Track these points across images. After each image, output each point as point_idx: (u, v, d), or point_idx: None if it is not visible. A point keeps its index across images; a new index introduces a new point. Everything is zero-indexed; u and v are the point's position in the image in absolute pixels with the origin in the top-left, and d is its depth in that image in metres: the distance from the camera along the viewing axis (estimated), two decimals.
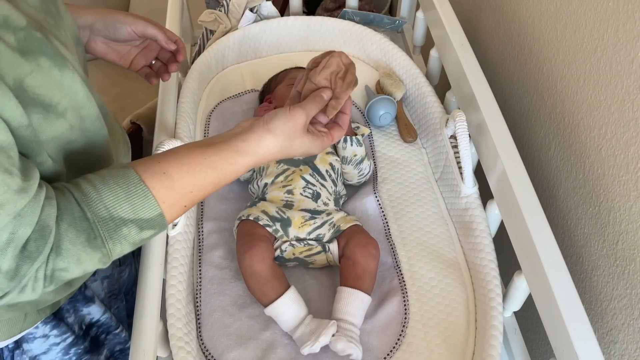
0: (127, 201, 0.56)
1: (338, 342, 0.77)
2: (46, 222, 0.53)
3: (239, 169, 0.64)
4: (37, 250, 0.52)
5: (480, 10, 1.32)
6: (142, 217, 0.57)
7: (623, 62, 0.79)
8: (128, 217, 0.56)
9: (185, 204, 0.61)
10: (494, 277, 0.85)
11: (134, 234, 0.57)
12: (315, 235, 0.89)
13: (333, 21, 1.28)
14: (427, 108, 1.09)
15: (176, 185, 0.60)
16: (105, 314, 0.87)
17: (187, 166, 0.61)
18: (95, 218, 0.55)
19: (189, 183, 0.61)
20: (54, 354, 0.81)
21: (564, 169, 0.98)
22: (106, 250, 0.56)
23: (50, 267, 0.55)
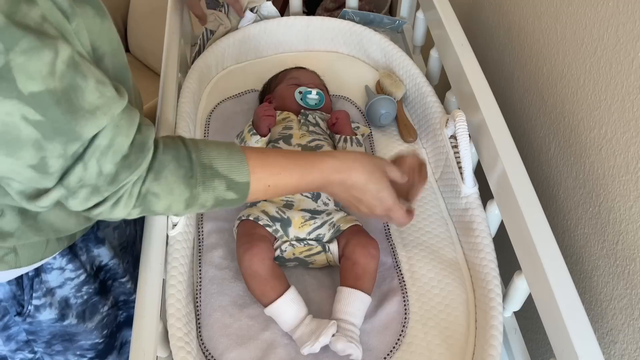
0: (227, 160, 0.66)
1: (338, 342, 0.76)
2: (145, 140, 0.61)
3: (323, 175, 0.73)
4: (136, 161, 0.59)
5: (480, 10, 1.32)
6: (233, 178, 0.66)
7: (623, 62, 0.79)
8: (223, 173, 0.66)
9: (269, 184, 0.70)
10: (494, 277, 0.85)
11: (221, 189, 0.66)
12: (315, 235, 0.89)
13: (333, 21, 1.28)
14: (427, 108, 1.09)
15: (268, 162, 0.70)
16: (113, 259, 0.93)
17: (283, 157, 0.72)
18: (197, 160, 0.64)
19: (279, 164, 0.71)
20: (67, 289, 0.87)
21: (564, 169, 0.98)
22: (196, 191, 0.64)
23: (146, 186, 0.62)
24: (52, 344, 0.92)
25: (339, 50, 1.31)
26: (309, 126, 1.01)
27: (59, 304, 0.87)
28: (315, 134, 1.00)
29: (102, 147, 0.56)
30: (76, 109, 0.53)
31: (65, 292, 0.87)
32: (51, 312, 0.86)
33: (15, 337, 0.90)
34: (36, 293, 0.83)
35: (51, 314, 0.87)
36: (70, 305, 0.89)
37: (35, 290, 0.83)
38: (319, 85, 1.13)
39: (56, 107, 0.52)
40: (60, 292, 0.86)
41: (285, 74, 1.15)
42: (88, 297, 0.91)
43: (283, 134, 0.99)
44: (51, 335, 0.90)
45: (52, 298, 0.86)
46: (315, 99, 1.06)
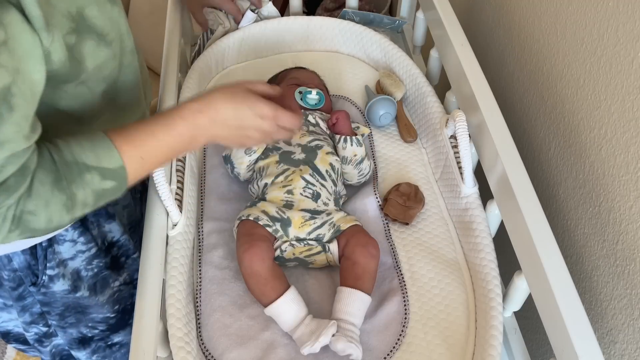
0: (91, 150, 0.63)
1: (338, 342, 0.77)
2: (28, 164, 0.59)
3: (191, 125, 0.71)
4: (15, 185, 0.57)
5: (480, 10, 1.32)
6: (104, 167, 0.64)
7: (623, 62, 0.79)
8: (92, 164, 0.63)
9: (141, 156, 0.67)
10: (494, 277, 0.85)
11: (96, 181, 0.63)
12: (315, 235, 0.89)
13: (333, 21, 1.28)
14: (427, 108, 1.09)
15: (131, 135, 0.67)
16: (124, 235, 0.95)
17: (143, 121, 0.70)
18: (61, 160, 0.61)
19: (142, 131, 0.68)
20: (79, 261, 0.89)
21: (564, 169, 0.98)
22: (71, 192, 0.62)
23: (20, 208, 0.59)
24: (65, 315, 0.94)
25: (339, 50, 1.31)
26: (309, 126, 1.01)
27: (71, 276, 0.89)
28: (315, 134, 1.00)
29: None
30: None
31: (76, 265, 0.89)
32: (64, 283, 0.88)
33: (30, 309, 0.92)
34: (50, 263, 0.85)
35: (64, 284, 0.88)
36: (81, 277, 0.90)
37: (49, 261, 0.85)
38: (319, 85, 1.13)
39: None
40: (72, 264, 0.88)
41: (285, 74, 1.15)
42: (98, 271, 0.92)
43: None
44: (64, 307, 0.92)
45: (65, 269, 0.88)
46: (315, 99, 1.06)
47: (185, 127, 0.71)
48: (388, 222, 0.97)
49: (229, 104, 0.73)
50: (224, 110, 0.73)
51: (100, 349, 1.04)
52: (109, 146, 0.64)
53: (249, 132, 0.76)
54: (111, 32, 0.68)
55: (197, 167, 1.01)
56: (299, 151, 0.95)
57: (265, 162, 0.96)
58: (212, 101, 0.72)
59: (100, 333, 1.01)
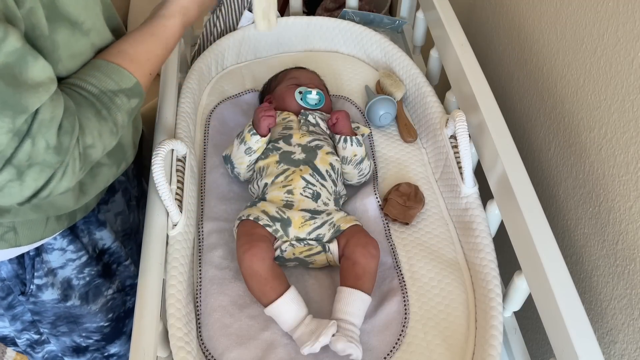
0: (107, 77, 0.68)
1: (338, 342, 0.76)
2: (67, 103, 0.62)
3: (173, 31, 0.79)
4: (70, 125, 0.61)
5: (480, 10, 1.32)
6: (125, 87, 0.69)
7: (623, 62, 0.79)
8: (115, 89, 0.68)
9: (150, 72, 0.74)
10: (494, 277, 0.85)
11: (125, 102, 0.69)
12: (315, 235, 0.89)
13: (333, 21, 1.28)
14: (427, 108, 1.09)
15: (133, 57, 0.72)
16: (115, 242, 0.94)
17: (133, 40, 0.74)
18: (90, 95, 0.66)
19: (142, 51, 0.74)
20: (69, 269, 0.88)
21: (564, 169, 0.98)
22: (112, 119, 0.67)
23: (82, 145, 0.64)
24: (57, 325, 0.93)
25: (339, 50, 1.31)
26: (309, 126, 1.01)
27: (61, 285, 0.88)
28: (315, 134, 1.00)
29: (46, 120, 0.58)
30: (20, 83, 0.55)
31: (67, 273, 0.88)
32: (53, 292, 0.87)
33: (21, 317, 0.91)
34: (37, 272, 0.84)
35: (53, 294, 0.87)
36: (72, 286, 0.89)
37: (37, 270, 0.84)
38: (319, 85, 1.13)
39: (1, 81, 0.53)
40: (62, 272, 0.87)
41: (285, 74, 1.15)
42: (91, 279, 0.91)
43: (283, 134, 0.99)
44: (55, 317, 0.91)
45: (54, 278, 0.87)
46: (315, 99, 1.06)
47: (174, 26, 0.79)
48: (388, 222, 0.97)
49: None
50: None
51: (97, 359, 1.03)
52: (119, 70, 0.69)
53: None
54: (87, 20, 0.67)
55: (197, 167, 1.01)
56: (299, 151, 0.95)
57: (265, 162, 0.96)
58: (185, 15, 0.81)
59: (95, 343, 1.00)
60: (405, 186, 1.00)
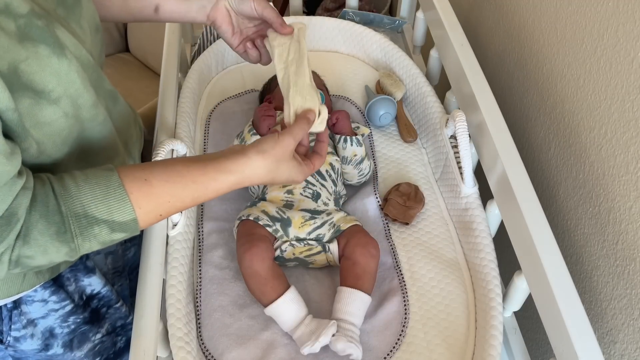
0: (104, 202, 0.58)
1: (338, 342, 0.77)
2: (15, 210, 0.54)
3: (220, 186, 0.65)
4: (1, 235, 0.54)
5: (480, 10, 1.32)
6: (115, 220, 0.59)
7: (623, 62, 0.79)
8: (102, 217, 0.58)
9: (161, 213, 0.63)
10: (494, 277, 0.85)
11: (104, 234, 0.59)
12: (315, 235, 0.89)
13: (333, 21, 1.28)
14: (427, 108, 1.09)
15: (154, 192, 0.61)
16: (105, 287, 0.88)
17: (168, 176, 0.62)
18: (69, 213, 0.57)
19: (167, 192, 0.62)
20: (52, 319, 0.82)
21: (564, 169, 0.98)
22: (74, 245, 0.58)
23: (17, 253, 0.56)
24: None
25: (339, 50, 1.31)
26: None
27: (42, 335, 0.83)
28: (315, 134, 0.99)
29: None
30: None
31: (49, 322, 0.82)
32: (33, 343, 0.83)
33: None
34: (15, 325, 0.79)
35: (33, 344, 0.83)
36: (55, 335, 0.84)
37: (14, 322, 0.79)
38: (319, 85, 1.13)
39: None
40: (44, 322, 0.82)
41: None
42: (76, 327, 0.86)
43: None
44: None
45: (34, 329, 0.82)
46: None
47: (217, 192, 0.66)
48: (388, 222, 0.97)
49: (266, 178, 0.69)
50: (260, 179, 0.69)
51: None
52: (122, 199, 0.59)
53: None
54: (57, 87, 0.59)
55: None
56: None
57: None
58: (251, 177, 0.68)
59: None
60: (405, 186, 1.00)
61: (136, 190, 0.60)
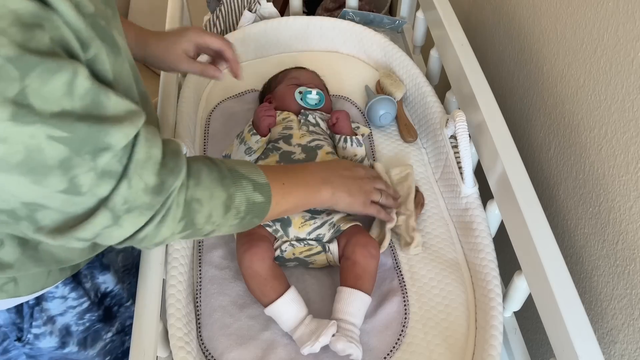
0: (242, 166, 0.70)
1: (338, 342, 0.77)
2: (176, 147, 0.61)
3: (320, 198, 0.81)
4: (176, 167, 0.59)
5: (480, 10, 1.32)
6: (255, 179, 0.69)
7: (623, 62, 0.79)
8: (246, 174, 0.69)
9: (283, 182, 0.74)
10: (494, 277, 0.85)
11: (249, 190, 0.68)
12: (315, 235, 0.89)
13: (333, 21, 1.28)
14: (427, 108, 1.09)
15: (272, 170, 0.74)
16: (117, 285, 0.91)
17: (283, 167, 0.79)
18: (222, 165, 0.67)
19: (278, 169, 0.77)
20: (69, 316, 0.85)
21: (564, 169, 0.98)
22: (231, 192, 0.66)
23: (190, 193, 0.61)
24: None
25: (339, 50, 1.31)
26: (309, 126, 1.01)
27: (60, 332, 0.85)
28: (315, 134, 1.00)
29: (141, 160, 0.55)
30: (102, 120, 0.52)
31: (66, 320, 0.85)
32: (51, 340, 0.84)
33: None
34: (36, 322, 0.81)
35: (51, 342, 0.85)
36: (71, 332, 0.86)
37: (35, 319, 0.81)
38: (319, 85, 1.13)
39: (80, 122, 0.50)
40: (62, 319, 0.84)
41: (285, 74, 1.15)
42: (90, 324, 0.89)
43: (283, 134, 0.99)
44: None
45: (53, 326, 0.84)
46: (315, 99, 1.06)
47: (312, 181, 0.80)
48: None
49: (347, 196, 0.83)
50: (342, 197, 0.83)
51: None
52: (255, 166, 0.71)
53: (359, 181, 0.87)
54: (117, 86, 0.63)
55: None
56: (299, 151, 0.95)
57: (265, 162, 0.96)
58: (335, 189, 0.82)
59: None
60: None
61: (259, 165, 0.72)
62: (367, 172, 0.89)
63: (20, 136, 0.47)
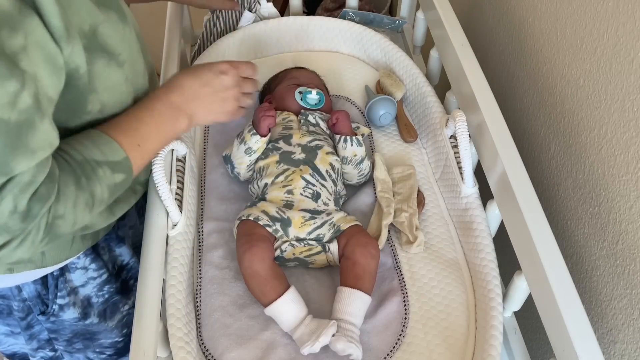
0: (95, 147, 0.65)
1: (338, 342, 0.76)
2: (53, 170, 0.60)
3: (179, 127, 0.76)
4: (47, 192, 0.58)
5: (480, 10, 1.32)
6: (111, 160, 0.66)
7: (623, 62, 0.79)
8: (100, 159, 0.65)
9: (138, 143, 0.70)
10: (494, 277, 0.85)
11: (108, 175, 0.65)
12: (315, 235, 0.89)
13: (333, 21, 1.28)
14: (427, 108, 1.09)
15: (123, 126, 0.69)
16: (133, 258, 0.94)
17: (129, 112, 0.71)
18: (73, 161, 0.63)
19: (131, 120, 0.70)
20: (90, 288, 0.88)
21: (564, 169, 0.98)
22: (90, 189, 0.63)
23: (52, 214, 0.60)
24: (73, 342, 0.93)
25: (339, 50, 1.31)
26: (309, 126, 1.01)
27: (82, 303, 0.88)
28: (315, 134, 1.00)
29: (23, 183, 0.55)
30: (20, 145, 0.52)
31: (87, 291, 0.88)
32: (74, 312, 0.88)
33: (38, 336, 0.91)
34: (61, 292, 0.84)
35: (74, 313, 0.88)
36: (92, 304, 0.90)
37: (60, 290, 0.84)
38: (319, 85, 1.13)
39: (2, 136, 0.51)
40: (83, 291, 0.87)
41: (285, 74, 1.15)
42: (109, 297, 0.92)
43: (283, 134, 0.99)
44: (72, 334, 0.92)
45: (76, 297, 0.87)
46: (315, 99, 1.06)
47: (163, 105, 0.74)
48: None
49: (190, 76, 0.78)
50: (187, 82, 0.77)
51: None
52: (109, 141, 0.66)
53: (220, 94, 0.80)
54: (123, 52, 0.66)
55: (197, 167, 1.01)
56: (299, 151, 0.95)
57: (265, 162, 0.96)
58: (177, 80, 0.77)
59: (108, 358, 1.00)
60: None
61: (111, 130, 0.67)
62: (232, 78, 0.81)
63: None
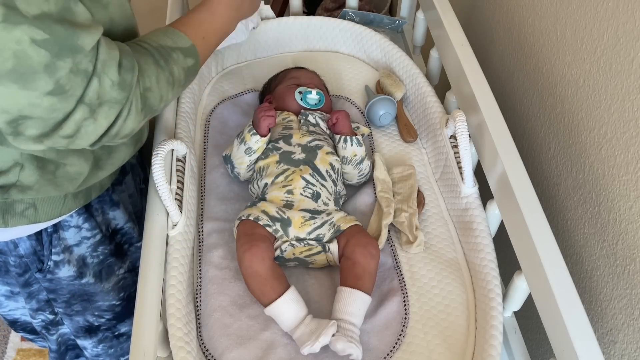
0: (166, 36, 0.75)
1: (338, 342, 0.77)
2: (123, 47, 0.67)
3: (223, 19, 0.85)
4: (129, 63, 0.66)
5: (480, 10, 1.32)
6: (181, 46, 0.76)
7: (623, 62, 0.79)
8: (172, 46, 0.75)
9: (203, 36, 0.80)
10: (494, 277, 0.85)
11: (181, 59, 0.75)
12: (315, 235, 0.89)
13: (333, 21, 1.28)
14: (427, 108, 1.09)
15: (186, 21, 0.80)
16: (128, 223, 0.99)
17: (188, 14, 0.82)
18: (149, 46, 0.72)
19: (192, 17, 0.81)
20: (84, 247, 0.92)
21: (564, 169, 0.99)
22: (169, 69, 0.73)
23: (141, 86, 0.68)
24: (72, 303, 0.96)
25: (339, 50, 1.31)
26: (309, 126, 1.01)
27: (77, 262, 0.92)
28: (315, 134, 1.00)
29: (105, 60, 0.63)
30: (74, 25, 0.59)
31: (82, 251, 0.92)
32: (69, 269, 0.91)
33: (37, 296, 0.94)
34: (55, 249, 0.88)
35: (70, 270, 0.91)
36: (87, 264, 0.93)
37: (54, 246, 0.88)
38: (319, 85, 1.13)
39: (58, 25, 0.57)
40: (78, 250, 0.91)
41: (285, 74, 1.15)
42: (104, 258, 0.95)
43: (283, 134, 0.99)
44: (70, 295, 0.94)
45: (70, 255, 0.90)
46: (315, 99, 1.06)
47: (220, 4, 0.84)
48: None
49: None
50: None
51: (107, 339, 1.06)
52: (176, 32, 0.76)
53: None
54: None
55: (197, 167, 1.01)
56: (299, 151, 0.95)
57: (265, 162, 0.96)
58: None
59: (107, 322, 1.02)
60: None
61: (176, 24, 0.78)
62: None
63: (8, 42, 0.54)
